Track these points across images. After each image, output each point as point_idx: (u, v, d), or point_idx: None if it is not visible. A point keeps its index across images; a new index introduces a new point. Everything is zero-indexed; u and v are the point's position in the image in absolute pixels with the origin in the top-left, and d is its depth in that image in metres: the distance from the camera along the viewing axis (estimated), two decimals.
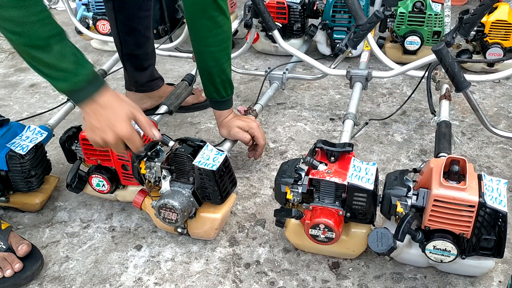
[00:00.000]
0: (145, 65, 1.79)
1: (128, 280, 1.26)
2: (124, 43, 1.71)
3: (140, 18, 1.67)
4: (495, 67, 2.07)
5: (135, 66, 1.77)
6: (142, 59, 1.77)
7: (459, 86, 1.36)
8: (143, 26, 1.69)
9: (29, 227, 1.44)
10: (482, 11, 1.55)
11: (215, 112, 1.52)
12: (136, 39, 1.71)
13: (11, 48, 2.64)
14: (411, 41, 2.09)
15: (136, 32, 1.69)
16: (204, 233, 1.32)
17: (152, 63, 1.83)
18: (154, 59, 1.84)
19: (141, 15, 1.67)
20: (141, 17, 1.67)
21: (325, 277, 1.24)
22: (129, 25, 1.67)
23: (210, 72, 1.41)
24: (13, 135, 1.41)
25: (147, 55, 1.78)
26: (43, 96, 2.16)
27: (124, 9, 1.64)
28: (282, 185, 1.20)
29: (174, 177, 1.28)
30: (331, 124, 1.85)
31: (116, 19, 1.66)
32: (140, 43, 1.72)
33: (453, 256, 1.10)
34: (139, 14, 1.66)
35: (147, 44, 1.75)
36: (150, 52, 1.79)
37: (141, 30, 1.69)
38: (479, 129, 1.75)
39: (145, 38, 1.73)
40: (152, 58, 1.82)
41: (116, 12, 1.65)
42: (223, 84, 1.44)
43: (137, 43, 1.72)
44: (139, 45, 1.73)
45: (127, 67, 1.78)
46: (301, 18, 2.20)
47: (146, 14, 1.69)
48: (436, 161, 1.13)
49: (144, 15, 1.68)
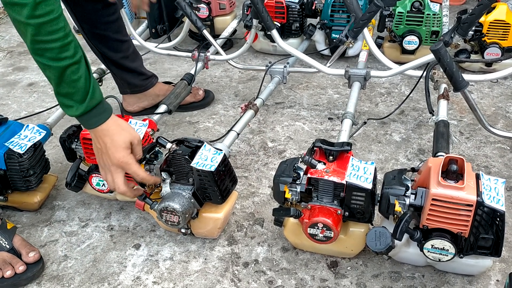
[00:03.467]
0: (131, 66, 1.76)
1: (126, 279, 1.26)
2: (100, 50, 1.69)
3: (105, 24, 1.64)
4: (493, 67, 2.07)
5: (121, 69, 1.76)
6: (124, 61, 1.74)
7: (457, 85, 1.37)
8: (111, 31, 1.66)
9: (27, 226, 1.44)
10: (480, 11, 1.55)
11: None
12: (109, 45, 1.68)
13: (9, 47, 2.63)
14: (409, 41, 2.09)
15: (106, 38, 1.66)
16: (208, 232, 1.32)
17: (138, 63, 1.81)
18: (139, 60, 1.81)
19: (105, 21, 1.63)
20: (105, 23, 1.64)
21: (324, 276, 1.24)
22: (96, 33, 1.64)
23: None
24: (11, 134, 1.41)
25: (128, 57, 1.75)
26: (41, 95, 2.16)
27: (86, 18, 1.61)
28: (280, 184, 1.20)
29: (173, 178, 1.28)
30: (329, 124, 1.85)
31: (84, 29, 1.64)
32: (114, 48, 1.69)
33: (451, 255, 1.10)
34: (102, 20, 1.62)
35: (123, 47, 1.72)
36: (132, 54, 1.76)
37: (110, 35, 1.66)
38: (477, 128, 1.76)
39: (118, 42, 1.70)
40: (136, 59, 1.79)
41: (81, 23, 1.62)
42: None
43: (111, 49, 1.69)
44: (115, 50, 1.70)
45: (114, 71, 1.77)
46: (300, 17, 2.20)
47: (111, 19, 1.65)
48: (434, 160, 1.13)
49: (109, 20, 1.64)
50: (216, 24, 2.36)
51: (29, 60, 2.48)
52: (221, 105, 1.99)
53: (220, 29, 2.34)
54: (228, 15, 2.37)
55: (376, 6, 1.59)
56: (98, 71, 1.93)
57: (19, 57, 2.52)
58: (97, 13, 1.60)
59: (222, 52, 1.99)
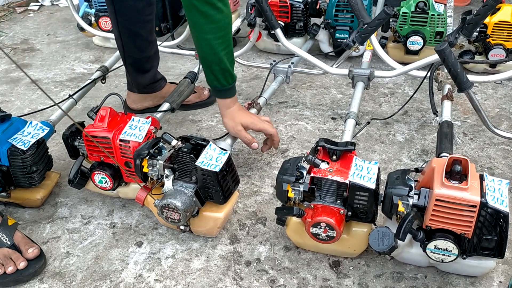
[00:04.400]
0: (147, 67, 1.78)
1: (128, 277, 1.26)
2: (126, 46, 1.70)
3: (141, 22, 1.66)
4: (497, 68, 2.07)
5: (137, 69, 1.76)
6: (144, 62, 1.76)
7: (461, 86, 1.36)
8: (145, 31, 1.68)
9: (30, 222, 1.44)
10: (485, 12, 1.55)
11: (218, 101, 1.51)
12: (138, 43, 1.70)
13: (13, 44, 2.64)
14: (413, 41, 2.09)
15: (138, 36, 1.68)
16: (207, 231, 1.32)
17: (155, 65, 1.82)
18: (157, 62, 1.83)
19: (142, 19, 1.65)
20: (143, 21, 1.66)
21: (326, 276, 1.24)
22: (130, 29, 1.66)
23: (207, 59, 1.40)
24: (15, 130, 1.41)
25: (149, 58, 1.76)
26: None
27: (125, 13, 1.63)
28: (283, 183, 1.19)
29: (176, 175, 1.28)
30: (332, 123, 1.85)
31: (118, 23, 1.65)
32: (142, 47, 1.71)
33: (454, 256, 1.10)
34: (141, 18, 1.64)
35: (149, 47, 1.74)
36: (153, 55, 1.78)
37: (143, 34, 1.68)
38: (480, 129, 1.75)
39: (147, 42, 1.72)
40: (154, 61, 1.81)
41: (117, 16, 1.64)
42: (223, 73, 1.42)
43: (139, 47, 1.71)
44: (141, 49, 1.72)
45: (129, 69, 1.77)
46: (304, 17, 2.20)
47: (148, 19, 1.67)
48: (438, 160, 1.13)
49: (146, 20, 1.67)
50: None
51: (33, 57, 2.49)
52: None
53: None
54: (232, 13, 2.36)
55: (385, 14, 1.59)
56: (101, 69, 1.93)
57: (23, 54, 2.53)
58: (137, 10, 1.62)
59: None
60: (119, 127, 1.35)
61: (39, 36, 2.74)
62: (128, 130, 1.34)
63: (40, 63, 2.42)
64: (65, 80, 2.25)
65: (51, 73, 2.32)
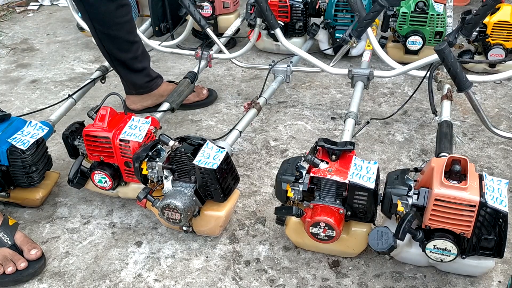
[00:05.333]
0: (138, 67, 1.76)
1: (128, 276, 1.26)
2: (109, 51, 1.68)
3: (117, 24, 1.63)
4: (496, 68, 2.07)
5: (128, 69, 1.75)
6: (133, 62, 1.74)
7: (461, 86, 1.36)
8: (122, 32, 1.66)
9: (29, 222, 1.44)
10: (484, 12, 1.55)
11: None
12: (119, 46, 1.68)
13: (13, 44, 2.64)
14: (413, 41, 2.09)
15: (118, 39, 1.66)
16: (209, 230, 1.32)
17: (146, 64, 1.80)
18: (147, 61, 1.81)
19: (118, 22, 1.63)
20: (118, 23, 1.64)
21: (325, 276, 1.24)
22: (109, 33, 1.64)
23: None
24: (14, 130, 1.41)
25: (137, 58, 1.74)
26: (44, 92, 2.16)
27: (99, 19, 1.61)
28: (283, 183, 1.20)
29: (176, 176, 1.28)
30: (332, 123, 1.85)
31: (96, 29, 1.63)
32: (125, 49, 1.69)
33: (453, 256, 1.10)
34: (116, 21, 1.62)
35: (133, 47, 1.72)
36: (141, 55, 1.76)
37: (122, 36, 1.66)
38: (480, 129, 1.75)
39: (129, 43, 1.70)
40: (144, 60, 1.79)
41: (93, 22, 1.62)
42: None
43: (122, 49, 1.69)
44: (125, 51, 1.70)
45: (121, 72, 1.76)
46: (303, 16, 2.19)
47: (124, 20, 1.65)
48: (438, 160, 1.13)
49: (122, 21, 1.64)
50: (220, 22, 2.36)
51: (32, 57, 2.49)
52: (223, 103, 1.99)
53: (223, 27, 2.33)
54: (232, 13, 2.36)
55: (380, 6, 1.59)
56: (101, 69, 1.93)
57: (22, 54, 2.53)
58: (110, 14, 1.60)
59: (226, 50, 1.98)
60: (119, 127, 1.35)
61: (38, 36, 2.74)
62: (128, 130, 1.34)
63: (40, 63, 2.42)
64: (64, 80, 2.25)
65: (50, 72, 2.32)
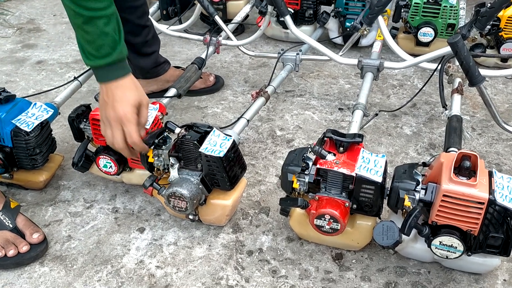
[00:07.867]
0: (147, 51, 1.76)
1: (129, 262, 1.25)
2: None
3: (129, 8, 1.63)
4: (508, 63, 2.03)
5: (136, 53, 1.75)
6: (142, 46, 1.74)
7: (473, 80, 1.34)
8: (134, 16, 1.66)
9: (32, 205, 1.43)
10: (500, 5, 1.52)
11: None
12: (130, 29, 1.66)
13: (19, 24, 2.61)
14: (424, 33, 2.05)
15: (129, 22, 1.64)
16: (216, 219, 1.31)
17: (156, 49, 1.80)
18: (157, 45, 1.81)
19: (130, 6, 1.63)
20: (130, 7, 1.64)
21: (328, 268, 1.23)
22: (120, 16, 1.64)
23: None
24: (19, 111, 1.39)
25: (147, 42, 1.75)
26: (49, 74, 2.14)
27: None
28: (288, 174, 1.18)
29: (182, 164, 1.26)
30: (339, 114, 1.82)
31: None
32: (135, 33, 1.69)
33: (459, 253, 1.09)
34: (128, 4, 1.62)
35: (144, 32, 1.72)
36: (151, 39, 1.76)
37: (134, 20, 1.66)
38: (489, 125, 1.73)
39: (140, 27, 1.70)
40: (154, 45, 1.79)
41: None
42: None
43: (132, 33, 1.68)
44: (136, 35, 1.70)
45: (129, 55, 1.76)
46: (314, 4, 2.16)
47: (136, 4, 1.65)
48: (447, 155, 1.11)
49: (135, 5, 1.65)
50: (229, 8, 2.33)
51: (39, 37, 2.47)
52: (230, 91, 1.97)
53: (232, 13, 2.30)
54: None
55: None
56: None
57: (29, 34, 2.51)
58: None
59: (234, 38, 1.96)
60: None
61: (45, 16, 2.72)
62: None
63: (46, 44, 2.40)
64: (70, 62, 2.23)
65: (56, 54, 2.30)
